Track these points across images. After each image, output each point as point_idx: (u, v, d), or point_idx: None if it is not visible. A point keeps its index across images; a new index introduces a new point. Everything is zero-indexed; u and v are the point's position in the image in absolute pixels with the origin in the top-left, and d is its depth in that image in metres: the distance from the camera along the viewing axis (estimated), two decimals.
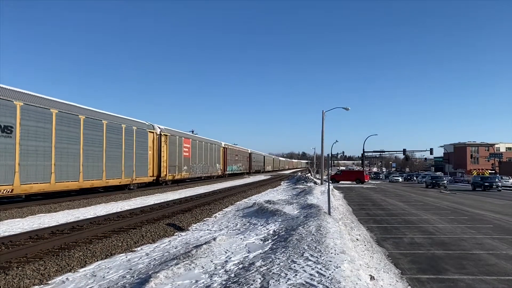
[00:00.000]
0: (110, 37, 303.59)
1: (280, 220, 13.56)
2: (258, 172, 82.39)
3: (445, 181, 46.10)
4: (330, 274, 5.82)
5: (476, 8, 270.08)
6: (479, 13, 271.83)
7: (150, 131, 29.39)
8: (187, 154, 37.62)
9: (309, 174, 57.36)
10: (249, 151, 77.31)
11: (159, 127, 31.19)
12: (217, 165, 50.08)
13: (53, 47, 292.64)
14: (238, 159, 64.52)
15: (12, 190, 16.05)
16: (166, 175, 31.89)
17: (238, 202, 22.00)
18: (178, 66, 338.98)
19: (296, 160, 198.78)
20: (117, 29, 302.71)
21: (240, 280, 6.11)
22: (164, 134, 31.81)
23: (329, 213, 14.08)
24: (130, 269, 8.07)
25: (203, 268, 7.44)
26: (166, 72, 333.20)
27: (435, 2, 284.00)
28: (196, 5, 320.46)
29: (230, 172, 58.80)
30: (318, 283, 5.41)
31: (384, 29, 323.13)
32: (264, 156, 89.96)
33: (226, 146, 55.42)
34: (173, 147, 33.62)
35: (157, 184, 31.22)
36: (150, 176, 29.39)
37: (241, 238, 10.65)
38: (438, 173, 73.05)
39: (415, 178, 71.30)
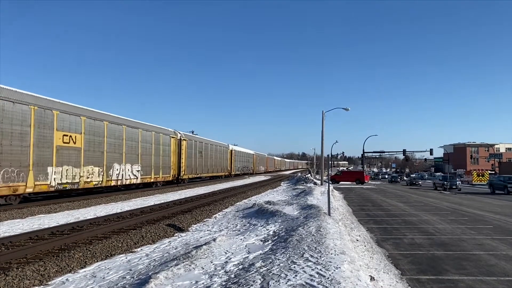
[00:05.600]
0: (109, 36, 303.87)
1: (280, 220, 13.56)
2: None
3: None
4: (330, 274, 5.82)
5: (476, 8, 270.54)
6: (479, 13, 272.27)
7: None
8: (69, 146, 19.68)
9: (309, 175, 57.35)
10: (230, 148, 58.78)
11: None
12: (163, 166, 31.73)
13: (52, 46, 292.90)
14: (210, 156, 46.66)
15: None
16: None
17: (238, 203, 22.00)
18: (178, 66, 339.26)
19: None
20: (115, 28, 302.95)
21: (240, 281, 6.11)
22: None
23: (329, 214, 14.08)
24: (130, 270, 8.07)
25: (203, 269, 7.45)
26: (165, 72, 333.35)
27: (436, 2, 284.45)
28: (196, 4, 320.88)
29: (193, 176, 40.51)
30: (318, 284, 5.40)
31: (384, 29, 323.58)
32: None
33: (185, 138, 37.65)
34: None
35: None
36: None
37: (241, 239, 10.65)
38: None
39: None
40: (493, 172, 72.06)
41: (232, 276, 6.73)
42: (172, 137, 34.21)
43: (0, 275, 6.99)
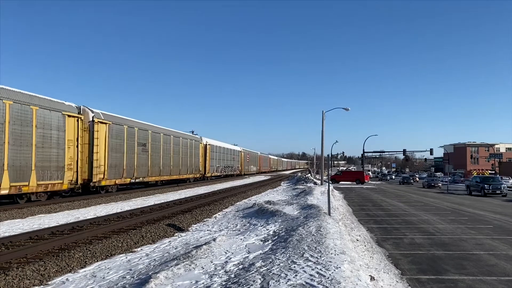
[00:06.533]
0: (109, 36, 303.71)
1: (280, 220, 13.56)
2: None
3: None
4: (330, 274, 5.82)
5: (476, 8, 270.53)
6: (479, 13, 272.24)
7: None
8: None
9: (309, 175, 57.37)
10: (204, 142, 45.03)
11: None
12: (41, 166, 17.83)
13: (53, 47, 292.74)
14: (164, 151, 32.42)
15: None
16: None
17: (238, 203, 21.99)
18: (178, 66, 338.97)
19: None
20: (115, 29, 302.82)
21: (240, 280, 6.10)
22: None
23: (329, 214, 14.07)
24: (130, 270, 8.07)
25: (203, 268, 7.44)
26: (165, 72, 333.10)
27: (435, 2, 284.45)
28: (196, 4, 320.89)
29: (127, 181, 26.00)
30: (318, 284, 5.40)
31: (383, 28, 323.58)
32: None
33: (105, 120, 22.96)
34: None
35: None
36: None
37: (241, 239, 10.65)
38: None
39: None
40: (493, 172, 72.06)
41: (232, 276, 6.72)
42: (70, 115, 20.03)
43: (0, 275, 6.99)
